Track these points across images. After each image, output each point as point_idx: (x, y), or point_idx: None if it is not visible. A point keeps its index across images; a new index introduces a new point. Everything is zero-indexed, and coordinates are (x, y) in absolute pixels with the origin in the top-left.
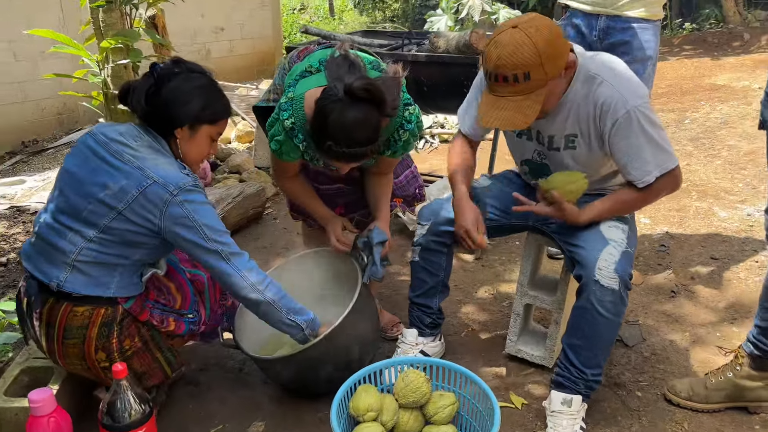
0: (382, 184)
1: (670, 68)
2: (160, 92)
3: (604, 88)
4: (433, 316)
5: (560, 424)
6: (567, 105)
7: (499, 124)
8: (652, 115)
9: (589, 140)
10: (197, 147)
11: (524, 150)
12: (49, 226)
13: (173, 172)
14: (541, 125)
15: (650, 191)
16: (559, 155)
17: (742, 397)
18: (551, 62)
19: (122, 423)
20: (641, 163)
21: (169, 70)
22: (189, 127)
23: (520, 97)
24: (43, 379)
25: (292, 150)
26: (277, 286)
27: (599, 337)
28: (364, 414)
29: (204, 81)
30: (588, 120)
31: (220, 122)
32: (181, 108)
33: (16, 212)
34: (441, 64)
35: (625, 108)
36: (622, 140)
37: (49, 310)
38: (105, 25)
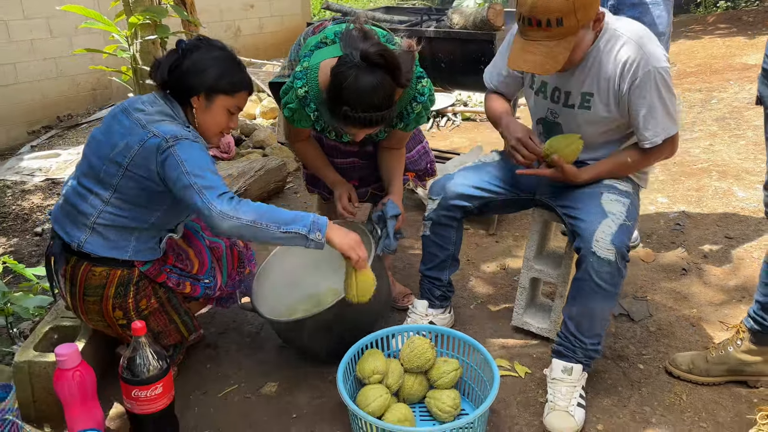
0: (395, 158)
1: (701, 47)
2: (182, 64)
3: (629, 47)
4: (443, 289)
5: (560, 391)
6: (590, 61)
7: (527, 68)
8: (669, 81)
9: (606, 100)
10: (212, 117)
11: (539, 108)
12: (74, 189)
13: (174, 128)
14: (560, 80)
15: (651, 153)
16: (573, 113)
17: (741, 371)
18: (583, 10)
19: (141, 377)
20: (654, 124)
21: (193, 44)
22: (205, 96)
23: (552, 42)
24: (71, 336)
25: (304, 118)
26: (255, 206)
27: (597, 307)
28: (369, 376)
29: (223, 54)
30: (608, 78)
31: (238, 94)
32: (197, 76)
33: (51, 184)
34: (458, 40)
35: (647, 67)
36: (640, 98)
37: (72, 269)
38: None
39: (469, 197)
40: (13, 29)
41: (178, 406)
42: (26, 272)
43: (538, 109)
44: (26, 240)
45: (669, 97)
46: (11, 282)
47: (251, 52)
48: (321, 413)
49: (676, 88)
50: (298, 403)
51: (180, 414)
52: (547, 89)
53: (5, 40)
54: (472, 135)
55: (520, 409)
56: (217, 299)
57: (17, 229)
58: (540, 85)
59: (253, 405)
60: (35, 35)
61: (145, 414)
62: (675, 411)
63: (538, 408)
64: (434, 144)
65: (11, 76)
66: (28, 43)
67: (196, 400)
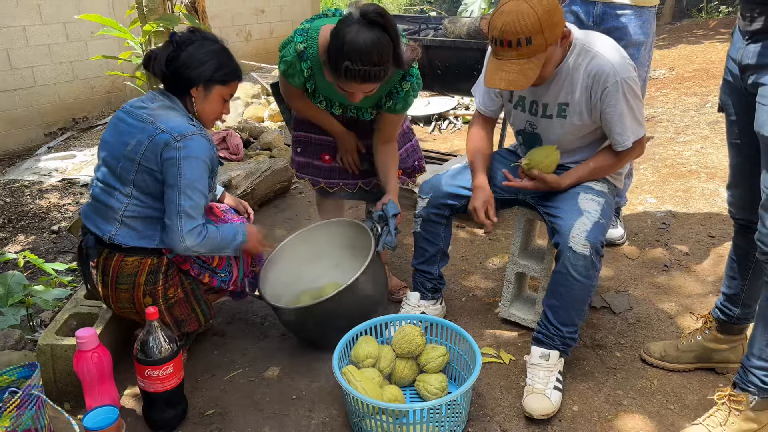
0: (389, 155)
1: (700, 52)
2: (178, 57)
3: (598, 60)
4: (434, 282)
5: (537, 375)
6: (562, 75)
7: (502, 85)
8: (636, 89)
9: (580, 109)
10: (210, 106)
11: (518, 121)
12: (100, 188)
13: (180, 121)
14: (537, 94)
15: (623, 155)
16: (551, 123)
17: (710, 358)
18: (550, 29)
19: (153, 358)
20: (622, 129)
21: (186, 37)
22: (204, 87)
23: (522, 60)
24: (89, 322)
25: (297, 74)
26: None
27: (573, 298)
28: (363, 360)
29: (217, 47)
30: (581, 89)
31: (232, 84)
32: (196, 69)
33: (67, 184)
34: (453, 48)
35: (615, 78)
36: (609, 107)
37: (104, 260)
38: (148, 9)
39: (457, 196)
40: (31, 34)
41: (188, 388)
42: (46, 267)
43: (518, 122)
44: (43, 237)
45: (636, 103)
46: (31, 276)
47: (261, 56)
48: (319, 395)
49: (673, 92)
50: (298, 386)
51: (189, 395)
52: (525, 103)
53: (23, 45)
54: None
55: (503, 392)
56: (232, 292)
57: (35, 227)
58: (518, 99)
59: (257, 387)
60: (52, 40)
61: (157, 392)
62: (646, 394)
63: (519, 391)
64: (435, 146)
65: (29, 79)
66: (46, 48)
67: (203, 383)
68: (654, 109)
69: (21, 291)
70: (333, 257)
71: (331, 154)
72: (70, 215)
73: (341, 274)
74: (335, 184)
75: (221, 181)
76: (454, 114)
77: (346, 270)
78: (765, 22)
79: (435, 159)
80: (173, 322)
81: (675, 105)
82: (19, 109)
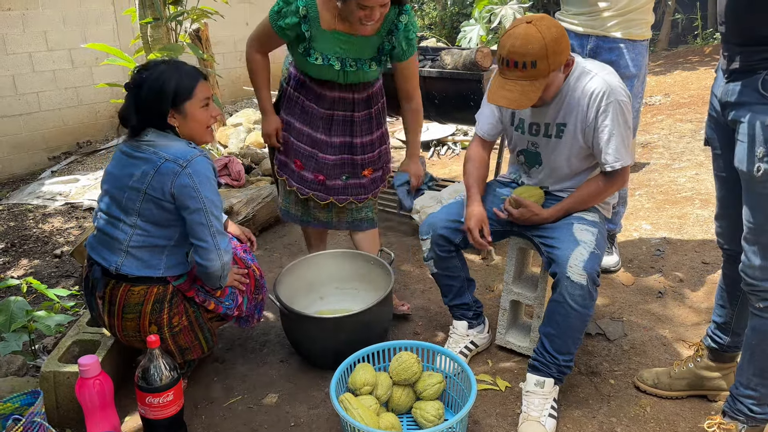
0: (410, 116)
1: (695, 78)
2: (140, 101)
3: (597, 81)
4: (473, 308)
5: (533, 402)
6: (562, 96)
7: (503, 103)
8: (628, 116)
9: (574, 130)
10: (194, 122)
11: (520, 142)
12: (105, 220)
13: (181, 148)
14: (537, 116)
15: (608, 183)
16: (552, 143)
17: (702, 386)
18: (555, 56)
19: (154, 385)
20: (612, 150)
21: (136, 79)
22: (175, 111)
23: (525, 81)
24: (91, 349)
25: (291, 14)
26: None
27: (570, 327)
28: (360, 388)
29: (163, 68)
30: (578, 109)
31: (197, 89)
32: (158, 101)
33: (71, 208)
34: (450, 79)
35: (611, 98)
36: (603, 124)
37: (111, 291)
38: (153, 39)
39: (454, 231)
40: (37, 60)
41: (187, 414)
42: (48, 293)
43: (519, 143)
44: (46, 261)
45: (626, 130)
46: (34, 301)
47: None
48: (317, 421)
49: (669, 118)
50: (296, 413)
51: (188, 422)
52: (524, 125)
53: (29, 71)
54: None
55: (499, 419)
56: (237, 318)
57: (38, 251)
58: (518, 122)
59: (255, 414)
60: (58, 66)
61: (158, 419)
62: (639, 422)
63: (515, 418)
64: (434, 171)
65: (35, 104)
66: (51, 74)
67: (203, 410)
68: (650, 135)
69: (24, 317)
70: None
71: (301, 161)
72: (73, 239)
73: (328, 305)
74: (305, 192)
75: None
76: (453, 140)
77: (331, 302)
78: (742, 61)
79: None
80: (177, 349)
81: (670, 131)
82: (24, 134)
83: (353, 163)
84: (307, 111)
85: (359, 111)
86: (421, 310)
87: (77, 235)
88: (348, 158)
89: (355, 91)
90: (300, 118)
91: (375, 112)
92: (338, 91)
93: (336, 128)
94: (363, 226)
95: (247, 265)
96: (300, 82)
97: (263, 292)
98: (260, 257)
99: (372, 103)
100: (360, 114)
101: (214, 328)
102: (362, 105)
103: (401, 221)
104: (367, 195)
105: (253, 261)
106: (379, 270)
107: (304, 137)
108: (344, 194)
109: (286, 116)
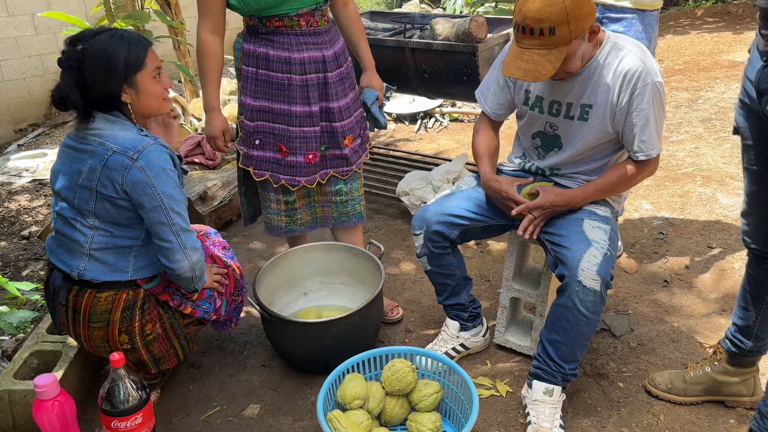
0: (349, 23)
1: (689, 43)
2: (85, 79)
3: (631, 59)
4: (469, 309)
5: (543, 412)
6: (590, 73)
7: (519, 74)
8: (663, 99)
9: (603, 112)
10: (147, 95)
11: (536, 122)
12: (61, 221)
13: (131, 137)
14: (559, 93)
15: (640, 169)
16: (573, 125)
17: (719, 391)
18: (577, 21)
19: (120, 408)
20: (648, 137)
21: (71, 55)
22: (128, 86)
23: (544, 50)
24: (51, 361)
25: None
26: (204, 265)
27: (579, 334)
28: (350, 402)
29: (104, 38)
30: (608, 89)
31: (147, 59)
32: (108, 78)
33: (38, 185)
34: (441, 52)
35: (650, 79)
36: (637, 109)
37: (75, 298)
38: (116, 6)
39: (450, 225)
40: None
41: (161, 430)
42: (9, 286)
43: (534, 124)
44: (13, 244)
45: (661, 115)
46: None
47: None
48: None
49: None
50: (280, 426)
51: None
52: (543, 104)
53: None
54: (459, 137)
55: (501, 429)
56: (215, 322)
57: (4, 233)
58: (535, 100)
59: (236, 428)
60: (20, 32)
61: None
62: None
63: (518, 429)
64: (421, 147)
65: None
66: (13, 41)
67: (178, 424)
68: None
69: None
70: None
71: (285, 145)
72: (42, 219)
73: (313, 302)
74: (297, 181)
75: (197, 192)
76: (440, 111)
77: (315, 298)
78: None
79: (422, 163)
80: (151, 360)
81: (666, 101)
82: None
83: (332, 132)
84: (278, 85)
85: (331, 71)
86: (413, 303)
87: (46, 214)
88: (326, 126)
89: (323, 47)
90: (272, 96)
91: (345, 71)
92: (306, 51)
93: (313, 95)
94: (351, 222)
95: (226, 264)
96: (263, 56)
97: (243, 293)
98: (237, 245)
99: (341, 61)
100: (333, 74)
101: (190, 333)
102: (333, 64)
103: (387, 203)
104: (351, 167)
105: (233, 259)
106: (367, 264)
107: (283, 117)
108: (323, 167)
109: (255, 101)
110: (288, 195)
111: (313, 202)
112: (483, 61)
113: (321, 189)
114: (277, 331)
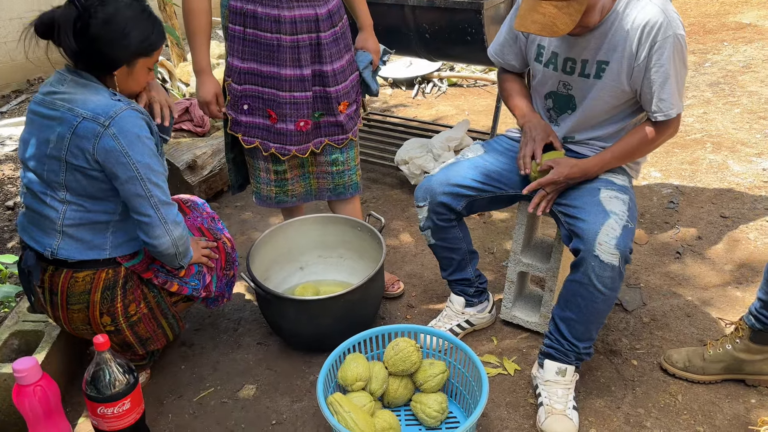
0: None
1: (694, 4)
2: (89, 28)
3: (651, 9)
4: (475, 284)
5: (556, 393)
6: (606, 26)
7: (534, 29)
8: (685, 53)
9: (618, 68)
10: (135, 81)
11: (548, 81)
12: (30, 195)
13: (102, 102)
14: (573, 49)
15: (660, 131)
16: (588, 84)
17: (740, 369)
18: None
19: (106, 394)
20: (668, 95)
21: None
22: (127, 64)
23: (561, 2)
24: (33, 342)
25: None
26: (185, 230)
27: (595, 311)
28: (352, 384)
29: (135, 8)
30: (625, 44)
31: (156, 53)
32: (117, 48)
33: None
34: (443, 9)
35: (671, 31)
36: (657, 65)
37: (50, 278)
38: None
39: (456, 196)
40: None
41: (152, 412)
42: None
43: (548, 83)
44: None
45: (682, 71)
46: None
47: None
48: (302, 417)
49: None
50: (277, 407)
51: (153, 422)
52: (557, 60)
53: None
54: (458, 102)
55: (510, 410)
56: (205, 299)
57: None
58: (549, 56)
59: (230, 410)
60: None
61: (114, 431)
62: (670, 413)
63: (528, 410)
64: (420, 113)
65: None
66: None
67: (170, 406)
68: None
69: None
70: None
71: (275, 111)
72: None
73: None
74: (288, 150)
75: (185, 161)
76: (439, 76)
77: (312, 273)
78: None
79: (420, 129)
80: (137, 341)
81: None
82: None
83: (326, 97)
84: (267, 46)
85: (325, 31)
86: (414, 277)
87: None
88: (320, 91)
89: (316, 4)
90: (260, 58)
91: (340, 31)
92: (297, 8)
93: (304, 57)
94: (348, 193)
95: (216, 236)
96: (250, 14)
97: (235, 267)
98: (229, 216)
99: (336, 20)
100: (326, 35)
101: (179, 311)
102: (326, 23)
103: (386, 172)
104: (347, 135)
105: (223, 231)
106: (367, 237)
107: (272, 81)
108: (317, 136)
109: (243, 63)
110: (278, 164)
111: (308, 173)
112: (488, 20)
113: (315, 159)
114: (273, 309)
